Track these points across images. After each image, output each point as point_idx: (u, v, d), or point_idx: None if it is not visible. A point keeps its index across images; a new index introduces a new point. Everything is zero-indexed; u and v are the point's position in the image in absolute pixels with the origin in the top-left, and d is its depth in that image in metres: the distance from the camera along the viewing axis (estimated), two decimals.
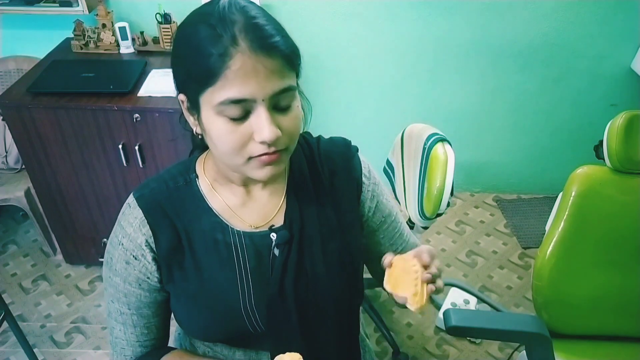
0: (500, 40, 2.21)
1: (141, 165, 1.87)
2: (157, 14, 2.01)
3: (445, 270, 2.26)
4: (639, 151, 1.21)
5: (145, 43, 2.10)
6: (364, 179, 0.87)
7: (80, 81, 1.83)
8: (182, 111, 0.75)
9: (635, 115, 1.20)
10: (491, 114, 2.44)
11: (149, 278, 0.80)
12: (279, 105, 0.68)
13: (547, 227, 1.34)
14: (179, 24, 0.72)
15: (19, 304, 2.08)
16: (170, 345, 0.93)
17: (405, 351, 1.89)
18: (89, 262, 2.23)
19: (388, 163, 1.73)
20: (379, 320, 1.93)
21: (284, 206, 0.82)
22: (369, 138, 2.24)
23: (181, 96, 0.72)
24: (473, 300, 2.00)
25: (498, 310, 2.02)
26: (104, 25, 2.05)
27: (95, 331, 1.97)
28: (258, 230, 0.81)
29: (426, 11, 2.15)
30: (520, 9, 2.13)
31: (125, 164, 1.86)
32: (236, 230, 0.80)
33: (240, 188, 0.81)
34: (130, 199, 0.80)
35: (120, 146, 1.81)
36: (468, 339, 1.94)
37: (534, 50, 2.22)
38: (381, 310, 2.05)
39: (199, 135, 0.75)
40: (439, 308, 2.03)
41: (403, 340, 1.94)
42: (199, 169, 0.82)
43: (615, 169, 1.25)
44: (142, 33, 2.10)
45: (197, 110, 0.69)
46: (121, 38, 2.05)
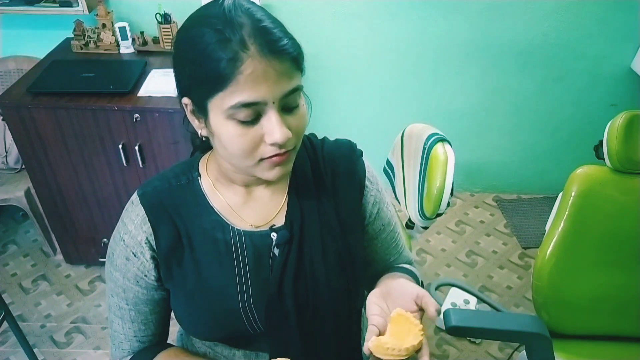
0: (500, 40, 2.21)
1: (141, 165, 1.87)
2: (157, 14, 2.01)
3: (445, 270, 2.26)
4: (639, 151, 1.21)
5: (145, 43, 2.10)
6: (367, 183, 0.87)
7: (80, 81, 1.83)
8: (186, 114, 0.74)
9: (635, 115, 1.20)
10: (491, 114, 2.44)
11: (146, 276, 0.80)
12: (287, 105, 0.69)
13: (547, 227, 1.34)
14: (180, 27, 0.71)
15: (19, 304, 2.08)
16: (172, 344, 0.93)
17: None
18: (89, 262, 2.23)
19: (388, 163, 1.73)
20: None
21: (285, 206, 0.82)
22: (369, 138, 2.23)
23: (185, 100, 0.72)
24: (473, 300, 2.00)
25: (498, 310, 2.02)
26: (104, 25, 2.05)
27: (95, 331, 1.97)
28: (259, 229, 0.81)
29: (426, 11, 2.15)
30: (521, 9, 2.13)
31: (125, 164, 1.86)
32: (236, 229, 0.80)
33: (242, 188, 0.81)
34: (134, 197, 0.81)
35: (120, 146, 1.81)
36: (468, 339, 1.94)
37: (534, 50, 2.22)
38: None
39: (204, 138, 0.75)
40: None
41: None
42: (202, 168, 0.83)
43: (615, 169, 1.25)
44: (142, 33, 2.10)
45: (205, 113, 0.69)
46: (121, 38, 2.05)
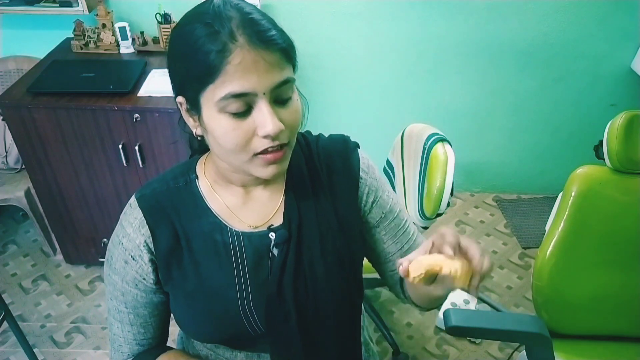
0: (500, 40, 2.21)
1: (141, 166, 1.87)
2: (157, 14, 2.01)
3: None
4: (639, 151, 1.21)
5: (145, 43, 2.10)
6: (362, 174, 0.86)
7: (80, 81, 1.83)
8: (181, 114, 0.75)
9: (635, 115, 1.20)
10: (491, 114, 2.44)
11: (144, 279, 0.80)
12: (279, 98, 0.68)
13: (547, 227, 1.34)
14: (174, 26, 0.72)
15: (19, 304, 2.08)
16: (172, 347, 0.93)
17: (405, 351, 1.89)
18: (89, 262, 2.23)
19: (388, 163, 1.73)
20: (379, 320, 1.92)
21: (283, 205, 0.82)
22: (369, 138, 2.22)
23: (180, 98, 0.72)
24: (473, 300, 2.00)
25: (498, 310, 2.02)
26: (104, 25, 2.05)
27: (95, 331, 1.97)
28: (257, 230, 0.80)
29: (426, 11, 2.15)
30: (521, 9, 2.12)
31: (125, 164, 1.86)
32: (234, 230, 0.80)
33: (240, 189, 0.81)
34: (132, 199, 0.81)
35: (120, 146, 1.81)
36: (468, 339, 1.94)
37: (534, 50, 2.22)
38: (381, 310, 2.05)
39: (199, 137, 0.75)
40: (438, 308, 2.03)
41: (403, 340, 1.94)
42: (200, 170, 0.83)
43: (615, 169, 1.25)
44: (142, 33, 2.10)
45: (198, 110, 0.69)
46: (121, 38, 2.05)
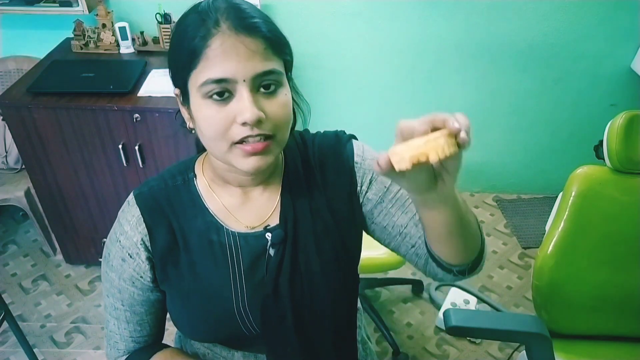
0: (500, 40, 2.21)
1: (141, 165, 1.86)
2: (157, 14, 2.01)
3: None
4: (639, 151, 1.21)
5: (145, 43, 2.10)
6: (357, 159, 0.83)
7: (80, 81, 1.83)
8: (179, 107, 0.76)
9: (635, 115, 1.20)
10: (491, 114, 2.44)
11: (142, 277, 0.80)
12: (265, 89, 0.68)
13: (547, 227, 1.34)
14: None
15: (19, 304, 2.08)
16: (168, 345, 0.93)
17: (405, 351, 1.88)
18: (89, 262, 2.23)
19: None
20: (379, 320, 1.92)
21: (279, 206, 0.82)
22: (369, 138, 2.21)
23: (176, 90, 0.73)
24: (473, 300, 2.00)
25: (498, 310, 2.02)
26: (104, 25, 2.05)
27: (95, 331, 1.97)
28: (253, 231, 0.80)
29: (426, 11, 2.15)
30: (520, 9, 2.12)
31: (125, 164, 1.86)
32: (231, 231, 0.79)
33: (237, 189, 0.81)
34: (130, 197, 0.81)
35: (120, 146, 1.81)
36: (468, 339, 1.94)
37: (534, 50, 2.22)
38: (381, 310, 2.05)
39: (192, 131, 0.75)
40: (439, 308, 2.03)
41: (403, 340, 1.94)
42: (198, 169, 0.83)
43: (615, 169, 1.24)
44: (142, 33, 2.10)
45: (188, 99, 0.70)
46: (121, 38, 2.05)
